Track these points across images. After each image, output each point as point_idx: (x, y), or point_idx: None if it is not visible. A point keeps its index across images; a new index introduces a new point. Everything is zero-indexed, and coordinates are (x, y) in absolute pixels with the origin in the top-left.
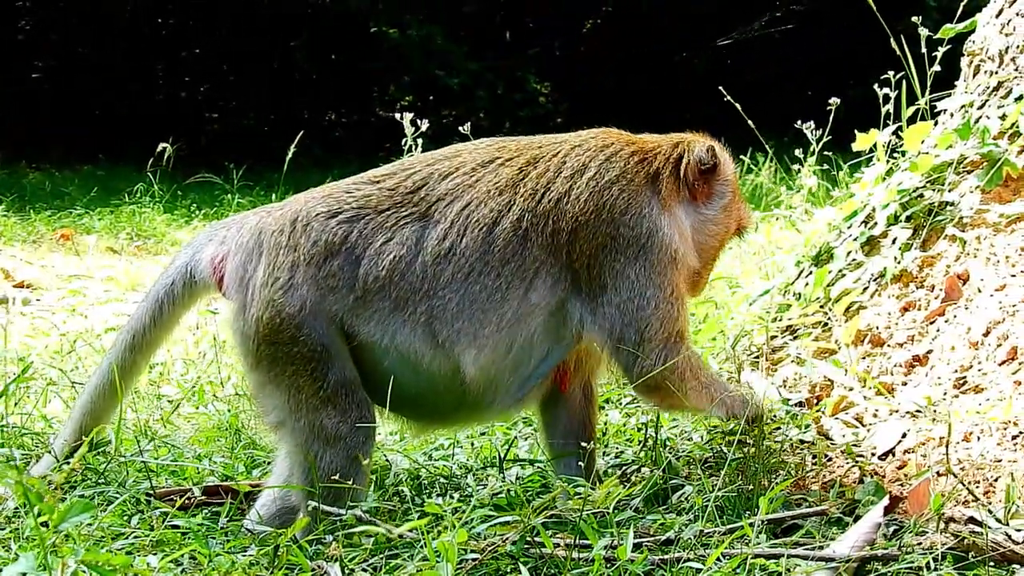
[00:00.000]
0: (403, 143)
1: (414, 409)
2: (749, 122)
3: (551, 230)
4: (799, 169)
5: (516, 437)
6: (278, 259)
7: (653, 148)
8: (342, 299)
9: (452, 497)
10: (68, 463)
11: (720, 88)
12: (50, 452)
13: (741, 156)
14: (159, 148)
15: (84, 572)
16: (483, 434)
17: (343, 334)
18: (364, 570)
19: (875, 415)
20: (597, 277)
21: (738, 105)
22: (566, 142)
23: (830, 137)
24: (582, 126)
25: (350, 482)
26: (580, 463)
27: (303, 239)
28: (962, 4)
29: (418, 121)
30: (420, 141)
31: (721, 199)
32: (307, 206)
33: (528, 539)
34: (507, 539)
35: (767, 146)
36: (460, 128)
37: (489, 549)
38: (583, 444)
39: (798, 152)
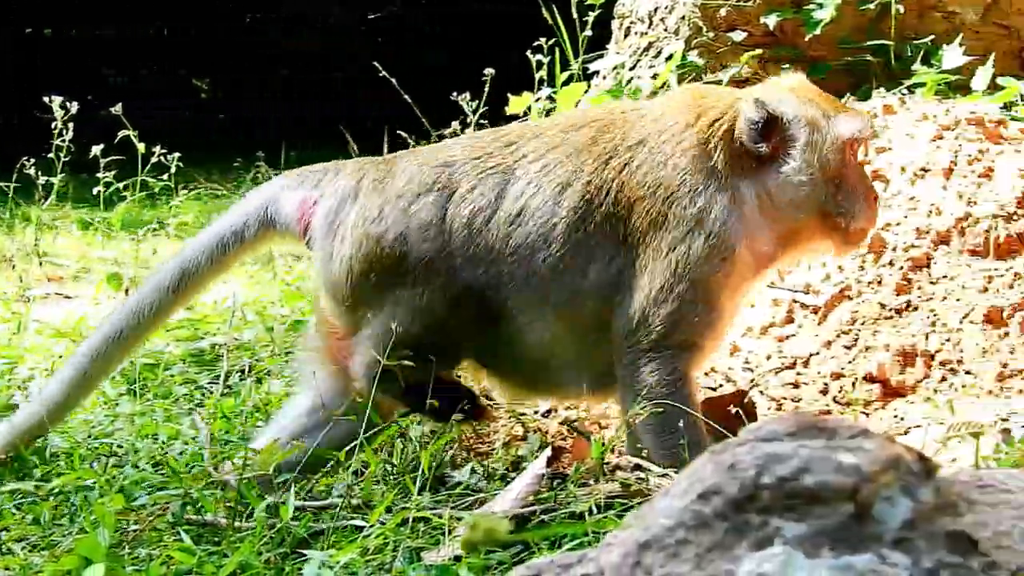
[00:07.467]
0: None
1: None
2: (406, 97)
3: (612, 199)
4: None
5: None
6: (370, 201)
7: (712, 115)
8: (427, 233)
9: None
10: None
11: (375, 63)
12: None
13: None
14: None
15: None
16: None
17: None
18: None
19: None
20: (640, 256)
21: (394, 80)
22: (640, 107)
23: (486, 108)
24: None
25: None
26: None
27: (398, 181)
28: None
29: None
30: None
31: (798, 142)
32: (406, 157)
33: (189, 506)
34: (167, 508)
35: (426, 122)
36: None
37: (149, 519)
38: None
39: (455, 125)
